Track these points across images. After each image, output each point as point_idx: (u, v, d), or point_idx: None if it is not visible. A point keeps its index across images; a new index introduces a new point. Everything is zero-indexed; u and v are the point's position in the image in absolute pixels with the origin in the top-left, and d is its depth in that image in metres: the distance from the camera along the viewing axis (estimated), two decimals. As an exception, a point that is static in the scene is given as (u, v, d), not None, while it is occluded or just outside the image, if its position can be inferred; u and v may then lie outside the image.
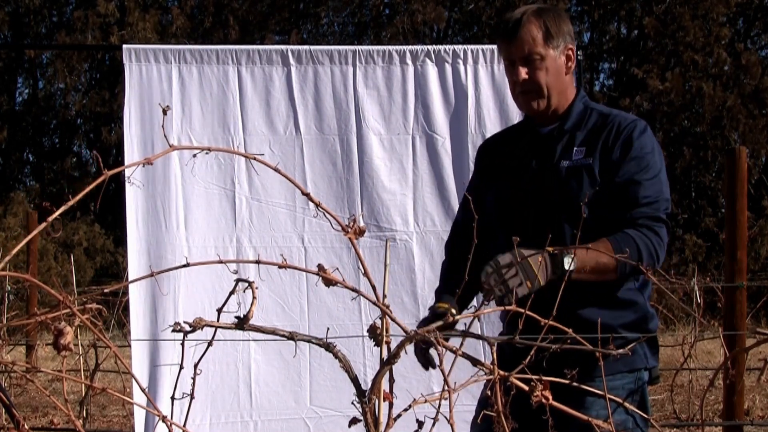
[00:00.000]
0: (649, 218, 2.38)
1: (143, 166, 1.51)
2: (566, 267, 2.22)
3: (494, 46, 4.21)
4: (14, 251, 1.42)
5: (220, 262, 1.53)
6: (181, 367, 1.53)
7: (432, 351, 2.38)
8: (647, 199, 2.40)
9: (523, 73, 2.50)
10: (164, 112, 1.58)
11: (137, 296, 4.19)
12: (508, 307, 1.59)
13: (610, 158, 2.44)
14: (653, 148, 2.49)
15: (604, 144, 2.47)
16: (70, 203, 1.42)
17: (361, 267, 1.53)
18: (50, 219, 1.47)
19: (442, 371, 1.43)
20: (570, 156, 2.49)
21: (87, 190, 1.46)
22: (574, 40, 2.59)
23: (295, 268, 1.53)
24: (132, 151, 4.25)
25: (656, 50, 20.33)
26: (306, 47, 4.48)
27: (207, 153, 1.52)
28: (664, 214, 2.42)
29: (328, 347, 1.52)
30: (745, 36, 21.86)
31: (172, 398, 1.58)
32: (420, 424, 1.48)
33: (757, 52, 21.13)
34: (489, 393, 1.49)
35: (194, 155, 3.05)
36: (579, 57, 4.51)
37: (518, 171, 2.56)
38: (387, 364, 1.51)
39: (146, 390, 1.59)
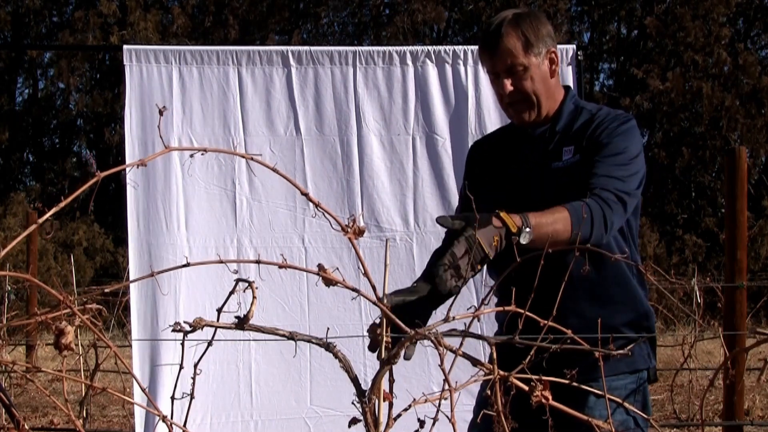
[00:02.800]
0: (605, 190, 2.35)
1: (137, 168, 1.51)
2: (522, 242, 2.18)
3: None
4: (8, 248, 1.42)
5: (221, 261, 1.54)
6: (181, 367, 1.54)
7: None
8: (609, 173, 2.38)
9: (509, 85, 2.47)
10: (160, 113, 1.58)
11: (138, 296, 4.20)
12: (507, 308, 1.59)
13: (592, 146, 2.44)
14: (633, 140, 2.48)
15: (589, 137, 2.46)
16: (62, 204, 1.42)
17: (361, 267, 1.54)
18: (41, 221, 1.47)
19: (443, 371, 1.43)
20: (560, 156, 2.49)
21: (80, 191, 1.46)
22: (555, 41, 2.54)
23: (296, 267, 1.53)
24: (133, 152, 4.25)
25: (656, 50, 20.34)
26: (306, 48, 4.48)
27: (203, 154, 1.52)
28: (624, 195, 2.38)
29: (328, 347, 1.52)
30: (745, 36, 21.87)
31: (173, 398, 1.58)
32: (421, 423, 1.48)
33: (757, 52, 21.14)
34: (489, 393, 1.49)
35: (191, 155, 3.04)
36: (579, 57, 4.52)
37: (512, 174, 2.56)
38: (387, 364, 1.51)
39: (146, 390, 1.59)
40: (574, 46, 4.54)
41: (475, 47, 4.51)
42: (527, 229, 2.17)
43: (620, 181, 2.38)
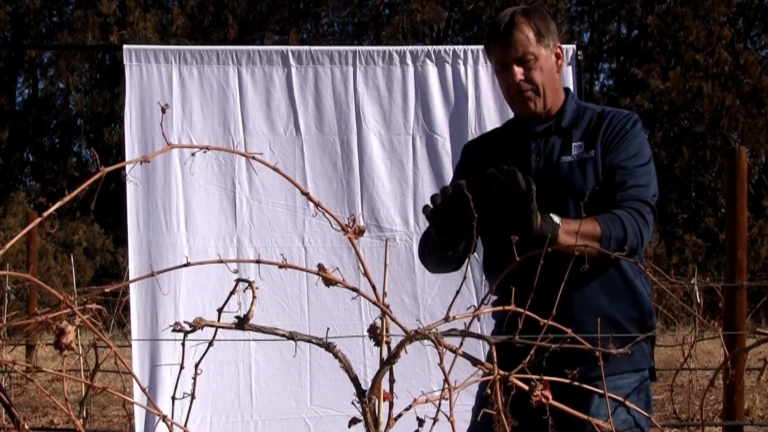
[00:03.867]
0: (636, 200, 2.41)
1: (140, 164, 1.51)
2: (555, 220, 2.22)
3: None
4: (9, 244, 1.42)
5: (220, 261, 1.54)
6: (182, 367, 1.54)
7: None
8: (636, 182, 2.44)
9: (519, 74, 2.51)
10: (163, 111, 1.58)
11: (138, 296, 4.20)
12: (507, 307, 1.59)
13: (605, 146, 2.49)
14: (644, 141, 2.55)
15: (603, 137, 2.51)
16: (66, 199, 1.42)
17: (361, 267, 1.53)
18: (45, 214, 1.47)
19: (443, 370, 1.43)
20: (570, 152, 2.52)
21: (84, 186, 1.46)
22: (559, 39, 2.61)
23: (296, 267, 1.53)
24: (133, 152, 4.25)
25: (657, 50, 20.33)
26: (306, 48, 4.48)
27: (204, 152, 1.52)
28: (652, 201, 2.45)
29: (328, 347, 1.52)
30: (745, 36, 21.87)
31: (173, 398, 1.58)
32: (420, 422, 1.48)
33: (757, 51, 21.13)
34: (489, 392, 1.49)
35: (192, 154, 3.04)
36: (579, 57, 4.52)
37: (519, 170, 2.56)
38: (387, 364, 1.51)
39: (146, 390, 1.59)
40: (574, 46, 4.54)
41: (475, 47, 4.51)
42: (555, 215, 2.22)
43: (646, 188, 2.44)
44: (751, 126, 18.47)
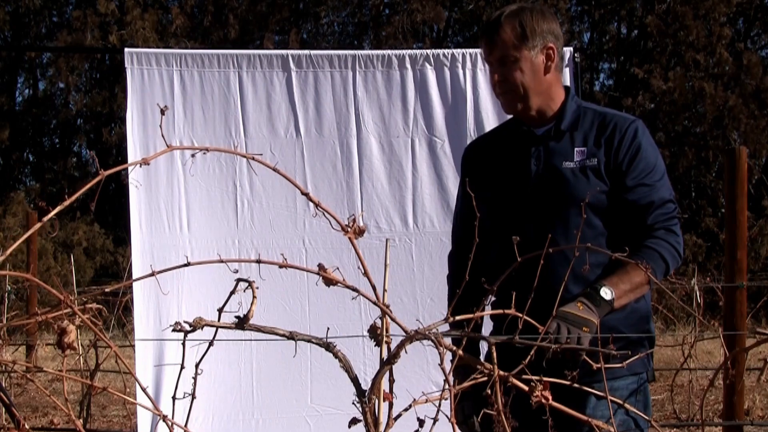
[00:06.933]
0: (665, 220, 2.45)
1: (140, 167, 1.52)
2: (606, 298, 2.25)
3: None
4: (11, 249, 1.42)
5: (221, 261, 1.54)
6: (183, 367, 1.54)
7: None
8: (661, 200, 2.46)
9: (498, 74, 2.51)
10: (162, 112, 1.59)
11: (141, 297, 4.21)
12: (507, 311, 1.60)
13: (617, 161, 2.46)
14: (655, 148, 2.54)
15: (607, 145, 2.47)
16: (66, 203, 1.42)
17: (361, 267, 1.54)
18: (45, 219, 1.48)
19: (443, 370, 1.44)
20: (572, 157, 2.48)
21: (84, 189, 1.47)
22: (557, 38, 2.55)
23: (296, 267, 1.54)
24: (135, 155, 4.26)
25: (657, 50, 20.32)
26: (306, 52, 4.49)
27: (204, 154, 1.53)
28: (675, 207, 2.50)
29: (328, 347, 1.53)
30: (745, 36, 21.86)
31: (173, 398, 1.59)
32: (420, 422, 1.49)
33: (757, 51, 21.13)
34: (489, 392, 1.50)
35: (192, 155, 3.05)
36: (576, 59, 4.53)
37: (517, 173, 2.55)
38: (387, 364, 1.52)
39: (147, 389, 1.59)
40: (572, 48, 4.55)
41: (474, 50, 4.53)
42: (605, 288, 2.27)
43: (670, 199, 2.49)
44: (753, 126, 18.44)
